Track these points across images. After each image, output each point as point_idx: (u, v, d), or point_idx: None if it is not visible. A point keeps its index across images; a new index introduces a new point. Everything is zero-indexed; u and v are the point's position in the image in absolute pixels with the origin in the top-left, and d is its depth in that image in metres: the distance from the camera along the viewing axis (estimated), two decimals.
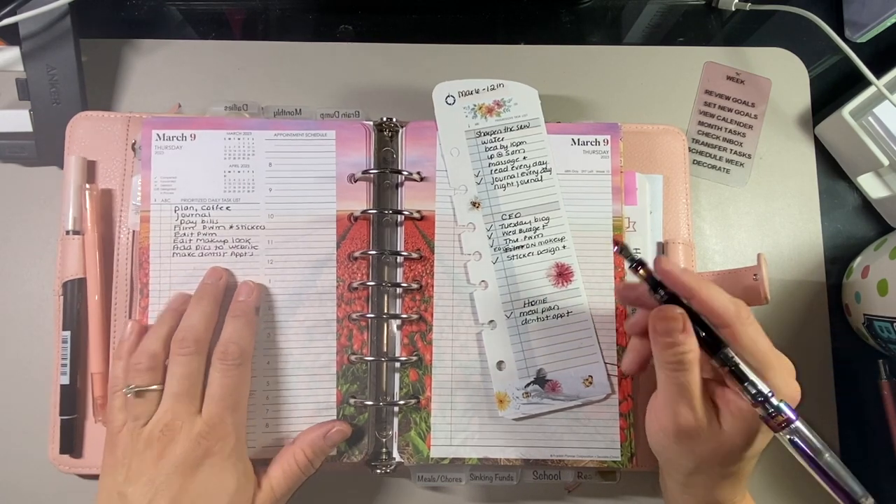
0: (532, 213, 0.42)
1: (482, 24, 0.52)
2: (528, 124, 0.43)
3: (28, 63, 0.45)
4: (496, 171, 0.42)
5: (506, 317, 0.41)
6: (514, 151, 0.43)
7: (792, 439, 0.30)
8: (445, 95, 0.43)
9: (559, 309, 0.41)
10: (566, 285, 0.42)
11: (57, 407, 0.41)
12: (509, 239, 0.42)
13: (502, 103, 0.43)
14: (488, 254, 0.42)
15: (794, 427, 0.30)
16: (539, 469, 0.43)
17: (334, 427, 0.38)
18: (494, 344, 0.41)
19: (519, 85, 0.43)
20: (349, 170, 0.42)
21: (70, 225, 0.42)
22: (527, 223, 0.42)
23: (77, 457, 0.42)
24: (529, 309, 0.41)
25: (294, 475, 0.37)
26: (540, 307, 0.41)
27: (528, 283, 0.42)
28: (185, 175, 0.41)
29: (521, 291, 0.42)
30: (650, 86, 0.50)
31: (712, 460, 0.33)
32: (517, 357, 0.41)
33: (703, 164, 0.49)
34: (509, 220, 0.42)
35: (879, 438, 0.46)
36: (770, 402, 0.30)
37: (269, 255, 0.41)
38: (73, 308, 0.42)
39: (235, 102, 0.48)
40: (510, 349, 0.41)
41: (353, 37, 0.51)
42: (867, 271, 0.44)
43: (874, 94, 0.46)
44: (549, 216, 0.42)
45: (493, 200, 0.42)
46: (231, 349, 0.36)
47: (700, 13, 0.53)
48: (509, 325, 0.41)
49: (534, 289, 0.42)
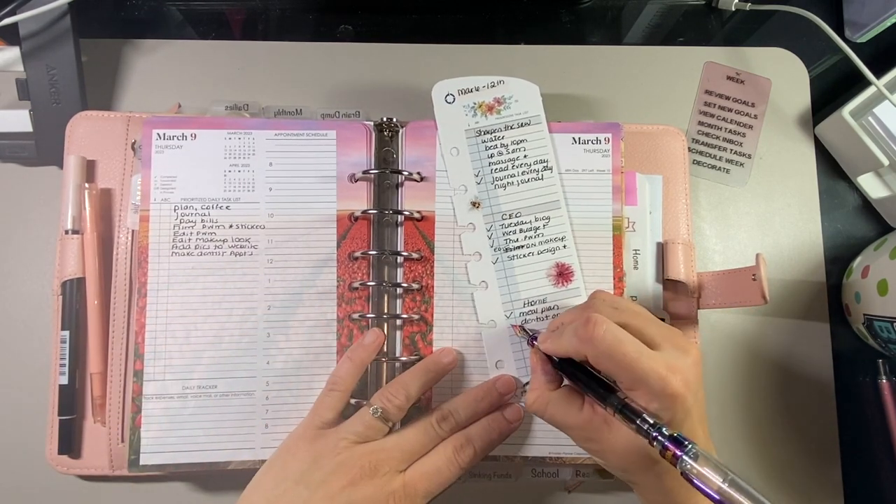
0: (532, 213, 0.42)
1: (482, 24, 0.52)
2: (529, 122, 0.43)
3: (28, 63, 0.45)
4: (496, 171, 0.42)
5: (506, 317, 0.41)
6: (514, 150, 0.42)
7: (687, 474, 0.27)
8: (445, 94, 0.43)
9: (559, 309, 0.41)
10: (566, 285, 0.42)
11: (55, 407, 0.41)
12: (509, 239, 0.42)
13: (503, 100, 0.43)
14: (488, 254, 0.42)
15: (682, 460, 0.28)
16: (537, 467, 0.43)
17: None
18: (494, 343, 0.41)
19: (519, 81, 0.43)
20: (349, 170, 0.42)
21: (69, 224, 0.42)
22: (527, 223, 0.42)
23: (75, 457, 0.42)
24: (529, 309, 0.41)
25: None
26: (539, 307, 0.41)
27: (528, 283, 0.42)
28: (185, 174, 0.41)
29: (521, 291, 0.41)
30: (650, 86, 0.50)
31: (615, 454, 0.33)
32: (516, 357, 0.41)
33: (703, 164, 0.49)
34: (509, 220, 0.42)
35: (879, 438, 0.46)
36: (659, 434, 0.29)
37: (269, 255, 0.41)
38: (71, 308, 0.42)
39: (236, 102, 0.48)
40: (509, 350, 0.41)
41: (353, 37, 0.51)
42: (867, 271, 0.44)
43: (874, 94, 0.46)
44: (550, 215, 0.42)
45: (494, 200, 0.42)
46: (468, 451, 0.37)
47: (700, 13, 0.53)
48: (509, 325, 0.41)
49: (534, 289, 0.42)
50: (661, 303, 0.43)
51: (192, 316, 0.40)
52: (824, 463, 0.46)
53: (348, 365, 0.38)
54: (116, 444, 0.41)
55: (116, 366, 0.42)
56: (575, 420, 0.34)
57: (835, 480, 0.45)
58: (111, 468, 0.42)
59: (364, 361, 0.39)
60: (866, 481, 0.46)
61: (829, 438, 0.46)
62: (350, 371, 0.38)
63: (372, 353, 0.39)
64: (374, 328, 0.40)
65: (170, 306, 0.40)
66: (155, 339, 0.40)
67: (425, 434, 0.37)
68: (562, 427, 0.35)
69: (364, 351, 0.39)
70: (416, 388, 0.38)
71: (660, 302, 0.43)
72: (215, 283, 0.41)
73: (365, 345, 0.39)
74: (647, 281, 0.43)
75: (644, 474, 0.32)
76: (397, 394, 0.37)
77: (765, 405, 0.46)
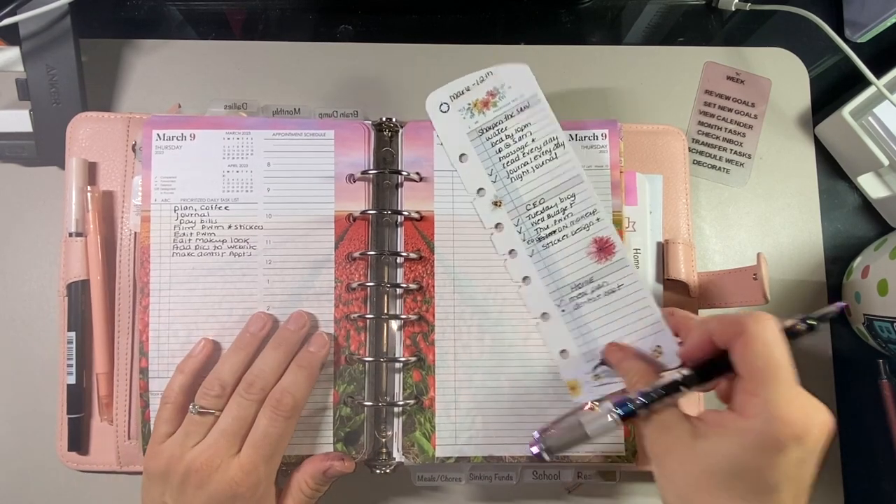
0: (556, 195, 0.41)
1: (482, 24, 0.52)
2: (528, 104, 0.41)
3: (28, 63, 0.45)
4: (508, 164, 0.41)
5: (556, 306, 0.40)
6: (520, 137, 0.41)
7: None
8: (438, 104, 0.42)
9: (609, 285, 0.40)
10: (610, 258, 0.40)
11: (64, 406, 0.42)
12: (539, 228, 0.41)
13: (496, 92, 0.41)
14: (522, 249, 0.41)
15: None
16: (540, 468, 0.43)
17: (334, 466, 0.39)
18: (552, 335, 0.40)
19: (507, 67, 0.41)
20: (348, 170, 0.42)
21: (73, 227, 0.42)
22: (553, 206, 0.41)
23: (84, 454, 0.43)
24: (578, 293, 0.40)
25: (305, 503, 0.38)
26: (588, 288, 0.40)
27: (570, 266, 0.40)
28: (184, 175, 0.41)
29: (565, 277, 0.40)
30: (650, 86, 0.50)
31: (700, 479, 0.30)
32: (578, 343, 0.40)
33: (703, 164, 0.49)
34: (535, 209, 0.41)
35: (879, 438, 0.46)
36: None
37: (268, 256, 0.41)
38: (77, 309, 0.42)
39: (235, 101, 0.48)
40: (569, 336, 0.40)
41: (352, 37, 0.51)
42: (867, 271, 0.44)
43: (874, 94, 0.46)
44: (575, 192, 0.40)
45: (514, 194, 0.41)
46: (286, 400, 0.37)
47: (700, 13, 0.53)
48: (563, 313, 0.40)
49: (578, 271, 0.40)
50: (662, 303, 0.43)
51: (194, 316, 0.40)
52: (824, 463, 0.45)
53: (179, 377, 0.38)
54: (124, 440, 0.42)
55: (123, 365, 0.42)
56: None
57: (835, 480, 0.45)
58: (119, 464, 0.42)
59: (194, 370, 0.39)
60: (866, 481, 0.46)
61: None
62: (180, 382, 0.38)
63: (201, 362, 0.39)
64: (204, 337, 0.40)
65: (172, 306, 0.40)
66: (158, 338, 0.40)
67: (239, 408, 0.36)
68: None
69: (194, 361, 0.39)
70: (228, 370, 0.38)
71: (660, 302, 0.43)
72: (215, 283, 0.41)
73: (193, 355, 0.39)
74: (648, 280, 0.43)
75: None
76: (211, 385, 0.37)
77: None
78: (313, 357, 0.39)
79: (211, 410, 0.36)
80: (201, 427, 0.36)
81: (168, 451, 0.36)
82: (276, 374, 0.38)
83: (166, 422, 0.37)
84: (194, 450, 0.36)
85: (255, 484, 0.35)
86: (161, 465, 0.36)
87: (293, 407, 0.37)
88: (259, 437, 0.36)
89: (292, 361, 0.39)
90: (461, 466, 0.43)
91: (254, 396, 0.37)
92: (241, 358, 0.38)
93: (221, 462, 0.35)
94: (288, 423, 0.37)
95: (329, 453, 0.40)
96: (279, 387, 0.37)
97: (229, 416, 0.36)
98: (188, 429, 0.36)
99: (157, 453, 0.36)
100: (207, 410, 0.36)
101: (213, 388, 0.37)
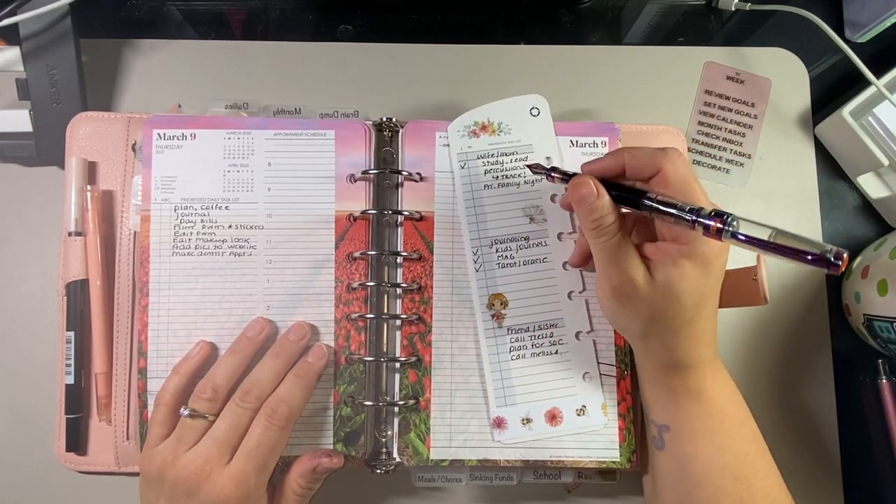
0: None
1: (482, 24, 0.52)
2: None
3: (28, 63, 0.45)
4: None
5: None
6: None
7: (736, 234, 0.29)
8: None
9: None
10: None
11: (62, 406, 0.42)
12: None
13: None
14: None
15: (730, 221, 0.29)
16: (539, 470, 0.43)
17: (322, 462, 0.38)
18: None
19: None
20: (348, 170, 0.42)
21: (72, 227, 0.42)
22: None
23: (82, 454, 0.42)
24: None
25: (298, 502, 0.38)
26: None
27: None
28: (184, 174, 0.41)
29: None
30: (650, 86, 0.50)
31: (656, 316, 0.34)
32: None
33: (703, 164, 0.49)
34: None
35: (879, 438, 0.46)
36: (701, 213, 0.31)
37: (268, 255, 0.41)
38: (76, 309, 0.42)
39: (235, 101, 0.48)
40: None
41: (353, 37, 0.51)
42: (867, 271, 0.44)
43: (874, 94, 0.46)
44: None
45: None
46: (281, 409, 0.37)
47: (700, 13, 0.53)
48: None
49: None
50: None
51: (193, 315, 0.40)
52: (824, 463, 0.46)
53: (174, 379, 0.38)
54: (122, 441, 0.42)
55: (121, 365, 0.42)
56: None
57: (835, 480, 0.45)
58: (117, 465, 0.42)
59: (189, 372, 0.39)
60: (866, 481, 0.46)
61: (829, 438, 0.46)
62: (175, 384, 0.38)
63: (197, 364, 0.39)
64: (202, 339, 0.40)
65: (171, 306, 0.40)
66: (157, 338, 0.40)
67: (233, 416, 0.36)
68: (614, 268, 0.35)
69: (189, 363, 0.39)
70: (223, 374, 0.37)
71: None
72: (215, 283, 0.41)
73: (189, 357, 0.39)
74: None
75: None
76: (204, 389, 0.37)
77: (765, 405, 0.46)
78: (311, 368, 0.39)
79: (203, 414, 0.36)
80: (194, 432, 0.36)
81: (160, 455, 0.36)
82: (274, 384, 0.38)
83: (160, 424, 0.37)
84: (185, 456, 0.35)
85: (244, 496, 0.35)
86: (154, 470, 0.36)
87: (288, 416, 0.37)
88: (252, 446, 0.36)
89: (290, 371, 0.39)
90: (461, 467, 0.43)
91: (249, 405, 0.37)
92: (237, 362, 0.38)
93: (212, 471, 0.35)
94: (282, 433, 0.37)
95: (317, 451, 0.39)
96: (275, 396, 0.37)
97: (223, 423, 0.36)
98: (181, 433, 0.36)
99: (150, 457, 0.36)
100: (199, 414, 0.36)
101: (206, 392, 0.37)
